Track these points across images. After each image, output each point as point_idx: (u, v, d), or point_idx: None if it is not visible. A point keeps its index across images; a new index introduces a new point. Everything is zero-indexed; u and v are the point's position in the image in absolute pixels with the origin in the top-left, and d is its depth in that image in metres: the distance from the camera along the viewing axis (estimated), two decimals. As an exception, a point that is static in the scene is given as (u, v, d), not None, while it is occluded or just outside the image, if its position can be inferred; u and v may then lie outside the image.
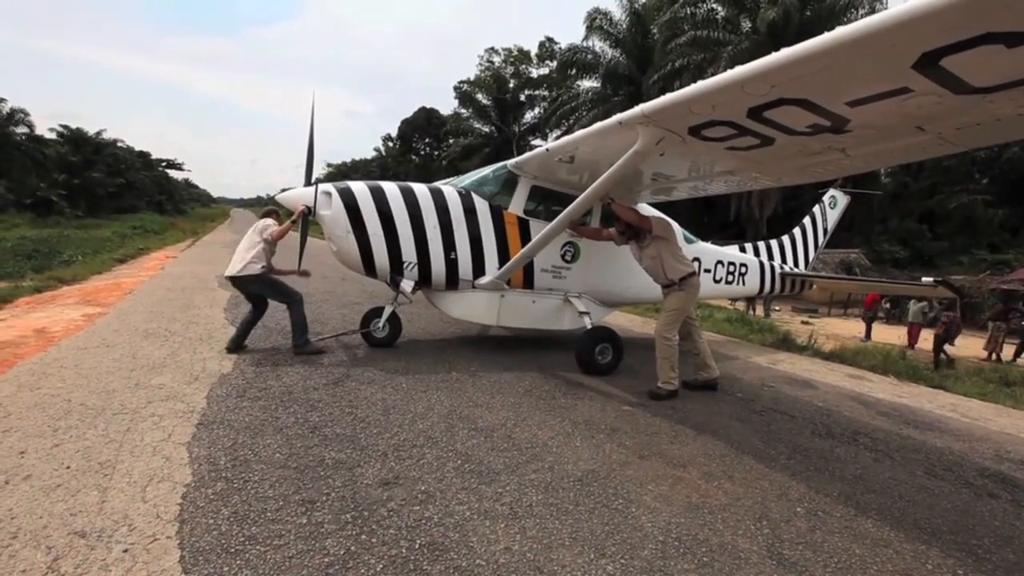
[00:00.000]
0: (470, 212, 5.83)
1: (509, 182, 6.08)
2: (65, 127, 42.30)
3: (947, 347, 13.02)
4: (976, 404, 6.23)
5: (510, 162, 6.08)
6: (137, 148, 52.00)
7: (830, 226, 9.81)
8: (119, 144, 46.43)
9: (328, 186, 5.54)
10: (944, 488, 3.62)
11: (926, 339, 15.88)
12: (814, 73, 2.95)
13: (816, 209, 9.71)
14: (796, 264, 9.33)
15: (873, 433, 4.65)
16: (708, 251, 7.78)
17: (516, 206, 6.04)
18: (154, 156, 55.72)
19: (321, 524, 2.51)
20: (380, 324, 5.98)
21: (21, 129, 38.36)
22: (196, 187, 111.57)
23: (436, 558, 2.33)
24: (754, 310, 17.47)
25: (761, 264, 8.49)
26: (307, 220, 5.54)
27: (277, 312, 6.18)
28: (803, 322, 17.73)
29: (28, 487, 2.66)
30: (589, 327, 5.89)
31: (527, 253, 5.53)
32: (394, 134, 57.22)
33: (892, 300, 20.58)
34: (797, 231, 9.53)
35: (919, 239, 29.12)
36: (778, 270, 8.72)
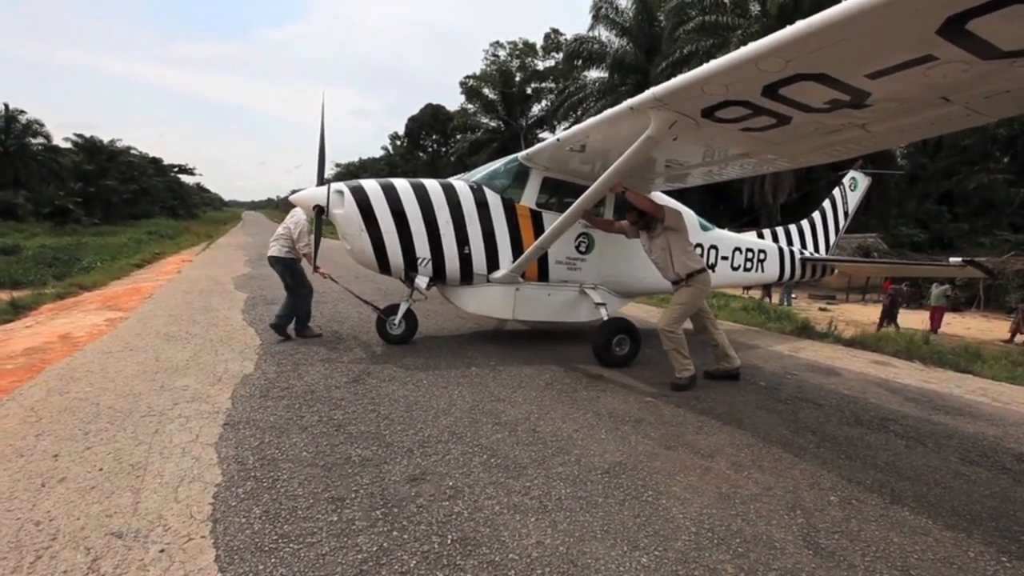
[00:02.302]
0: (482, 206, 5.81)
1: (521, 175, 6.03)
2: (80, 136, 43.11)
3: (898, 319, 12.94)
4: (1007, 388, 6.07)
5: (521, 154, 6.03)
6: (149, 154, 52.69)
7: (851, 209, 9.54)
8: (132, 151, 47.17)
9: (340, 185, 5.55)
10: (981, 474, 3.53)
11: (949, 323, 15.61)
12: (832, 45, 2.81)
13: (836, 192, 9.47)
14: (816, 249, 9.10)
15: (903, 420, 4.56)
16: (725, 238, 7.66)
17: (528, 198, 5.99)
18: (166, 162, 56.49)
19: (352, 521, 2.51)
20: (396, 321, 5.98)
21: (38, 140, 39.12)
22: (208, 191, 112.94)
23: (469, 553, 2.32)
24: (770, 297, 17.26)
25: (780, 250, 8.31)
26: (321, 219, 5.60)
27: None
28: (821, 309, 17.50)
29: (64, 489, 2.70)
30: (605, 318, 5.84)
31: (541, 245, 5.49)
32: (401, 132, 57.34)
33: (911, 284, 20.22)
34: (816, 215, 9.30)
35: (938, 221, 28.49)
36: (798, 256, 8.54)
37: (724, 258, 7.50)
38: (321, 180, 5.77)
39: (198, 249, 22.09)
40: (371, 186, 5.57)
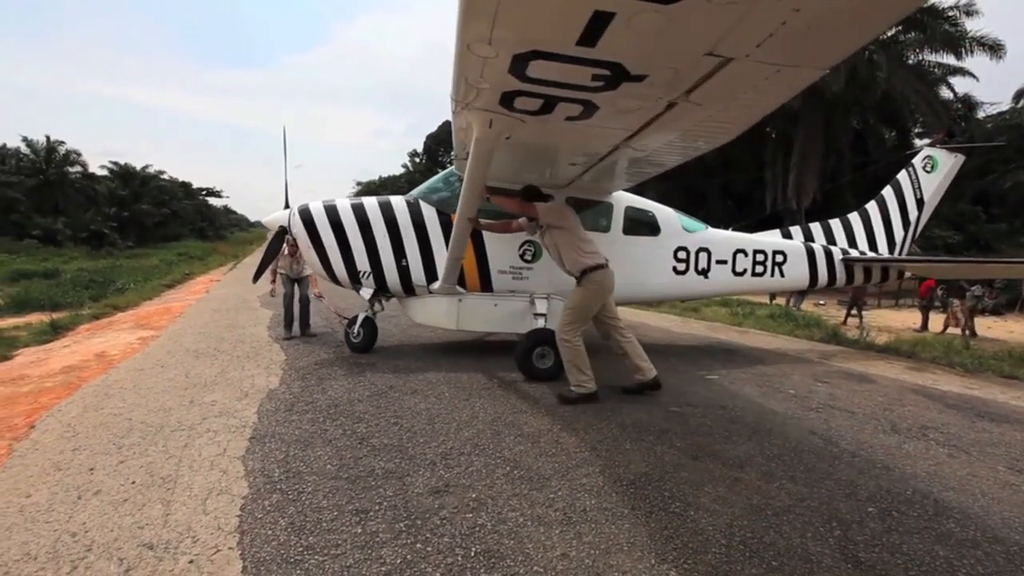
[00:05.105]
0: (417, 219, 6.02)
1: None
2: (114, 163, 44.97)
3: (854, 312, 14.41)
4: (1055, 393, 5.77)
5: (456, 165, 6.12)
6: (179, 179, 54.57)
7: (928, 196, 7.81)
8: (163, 176, 48.95)
9: (294, 207, 6.17)
10: (1031, 484, 3.34)
11: (990, 327, 14.95)
12: (498, 18, 2.43)
13: (902, 176, 7.89)
14: (873, 247, 7.74)
15: (943, 427, 4.36)
16: (722, 239, 6.83)
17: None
18: (195, 185, 58.38)
19: (376, 533, 2.51)
20: (354, 331, 6.19)
21: (75, 168, 40.99)
22: (235, 213, 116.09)
23: (493, 566, 2.29)
24: (791, 303, 16.80)
25: (810, 250, 7.18)
26: (280, 238, 6.42)
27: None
28: (851, 315, 16.95)
29: (99, 502, 2.77)
30: (535, 328, 5.50)
31: (454, 256, 5.43)
32: (420, 149, 58.25)
33: (948, 288, 19.45)
34: (872, 205, 7.87)
35: (973, 222, 27.42)
36: (838, 256, 7.32)
37: (721, 262, 6.67)
38: (287, 203, 6.48)
39: (225, 269, 22.72)
40: (316, 206, 6.08)
